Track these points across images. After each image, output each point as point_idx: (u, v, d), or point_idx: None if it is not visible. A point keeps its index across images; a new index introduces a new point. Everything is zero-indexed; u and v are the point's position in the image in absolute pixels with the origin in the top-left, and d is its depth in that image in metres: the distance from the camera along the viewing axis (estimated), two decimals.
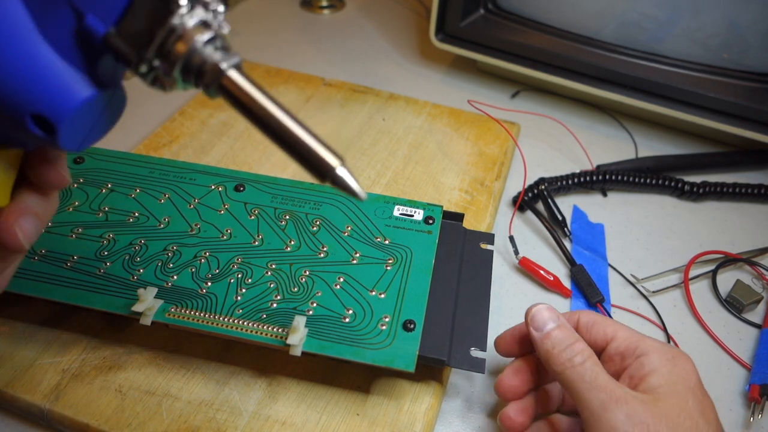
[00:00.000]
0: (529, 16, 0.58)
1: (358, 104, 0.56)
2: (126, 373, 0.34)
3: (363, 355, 0.32)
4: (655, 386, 0.28)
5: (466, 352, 0.33)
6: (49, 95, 0.19)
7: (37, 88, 0.18)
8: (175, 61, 0.19)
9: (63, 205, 0.39)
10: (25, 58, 0.18)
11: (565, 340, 0.30)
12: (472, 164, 0.50)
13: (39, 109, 0.19)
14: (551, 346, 0.30)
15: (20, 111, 0.19)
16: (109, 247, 0.36)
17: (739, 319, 0.42)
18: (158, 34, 0.19)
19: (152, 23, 0.19)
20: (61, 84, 0.19)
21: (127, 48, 0.19)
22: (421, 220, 0.39)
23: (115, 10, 0.19)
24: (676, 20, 0.51)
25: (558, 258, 0.46)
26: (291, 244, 0.37)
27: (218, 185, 0.41)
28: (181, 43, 0.19)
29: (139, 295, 0.32)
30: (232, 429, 0.32)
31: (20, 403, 0.33)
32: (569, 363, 0.29)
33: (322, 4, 0.77)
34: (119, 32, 0.19)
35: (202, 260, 0.36)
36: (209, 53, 0.19)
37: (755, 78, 0.51)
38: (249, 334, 0.32)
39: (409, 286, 0.35)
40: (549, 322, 0.31)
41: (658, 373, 0.28)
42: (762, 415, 0.36)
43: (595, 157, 0.54)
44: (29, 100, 0.19)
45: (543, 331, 0.31)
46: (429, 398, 0.34)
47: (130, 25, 0.19)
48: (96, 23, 0.19)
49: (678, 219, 0.50)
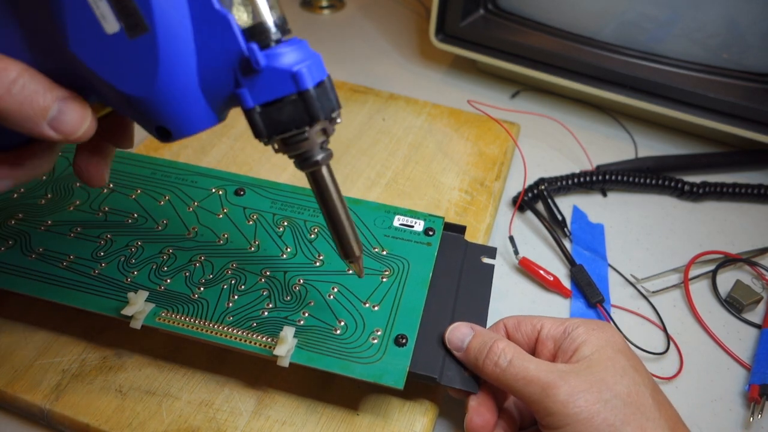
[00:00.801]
0: (529, 16, 0.58)
1: (358, 104, 0.56)
2: (126, 373, 0.34)
3: (351, 369, 0.31)
4: (587, 354, 0.29)
5: (459, 370, 0.32)
6: (183, 121, 0.23)
7: (178, 116, 0.22)
8: (291, 150, 0.25)
9: (64, 204, 0.39)
10: (180, 96, 0.22)
11: (484, 345, 0.31)
12: (472, 164, 0.50)
13: (169, 127, 0.23)
14: (474, 357, 0.31)
15: (153, 122, 0.22)
16: (106, 247, 0.36)
17: (738, 319, 0.42)
18: (291, 131, 0.24)
19: (291, 122, 0.23)
20: (195, 116, 0.23)
21: (262, 127, 0.23)
22: (421, 231, 0.38)
23: (265, 97, 0.23)
24: (676, 20, 0.51)
25: (558, 258, 0.46)
26: (287, 252, 0.37)
27: (219, 188, 0.40)
28: (304, 143, 0.24)
29: (129, 298, 0.32)
30: (232, 429, 0.32)
31: (20, 403, 0.33)
32: (497, 368, 0.30)
33: (322, 4, 0.77)
34: (261, 113, 0.23)
35: (196, 264, 0.36)
36: (316, 151, 0.25)
37: (755, 78, 0.51)
38: (237, 342, 0.32)
39: (404, 299, 0.34)
40: (466, 338, 0.32)
41: (588, 342, 0.30)
42: (762, 415, 0.36)
43: (595, 157, 0.54)
44: (167, 120, 0.22)
45: (463, 348, 0.32)
46: (422, 418, 0.33)
47: (272, 113, 0.23)
48: (247, 97, 0.23)
49: (678, 219, 0.50)
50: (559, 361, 0.30)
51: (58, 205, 0.39)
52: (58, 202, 0.39)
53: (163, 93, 0.22)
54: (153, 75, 0.21)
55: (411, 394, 0.34)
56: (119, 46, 0.21)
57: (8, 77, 0.21)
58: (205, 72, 0.22)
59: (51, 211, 0.38)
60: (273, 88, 0.23)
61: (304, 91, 0.23)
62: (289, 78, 0.22)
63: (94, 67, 0.21)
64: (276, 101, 0.23)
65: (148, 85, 0.21)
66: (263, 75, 0.22)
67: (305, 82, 0.22)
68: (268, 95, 0.23)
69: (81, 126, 0.23)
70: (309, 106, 0.23)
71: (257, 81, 0.22)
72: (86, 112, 0.23)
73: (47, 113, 0.22)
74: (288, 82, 0.22)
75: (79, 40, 0.21)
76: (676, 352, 0.40)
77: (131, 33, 0.20)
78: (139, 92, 0.21)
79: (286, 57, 0.22)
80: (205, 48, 0.22)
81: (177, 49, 0.21)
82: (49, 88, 0.22)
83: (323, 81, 0.24)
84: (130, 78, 0.21)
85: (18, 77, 0.21)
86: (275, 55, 0.22)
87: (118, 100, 0.22)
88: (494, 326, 0.34)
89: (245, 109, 0.23)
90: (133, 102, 0.22)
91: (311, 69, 0.23)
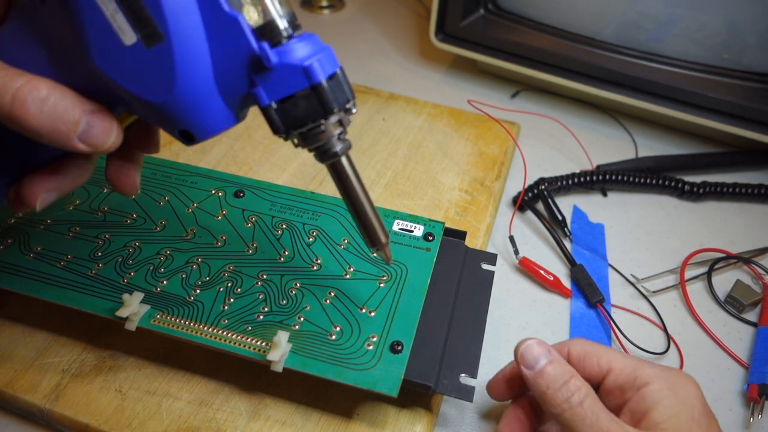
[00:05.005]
0: (529, 16, 0.58)
1: (358, 104, 0.56)
2: (126, 373, 0.34)
3: (345, 375, 0.30)
4: (658, 422, 0.27)
5: (455, 378, 0.32)
6: (203, 124, 0.23)
7: (198, 119, 0.23)
8: (309, 143, 0.25)
9: (63, 203, 0.39)
10: (199, 99, 0.23)
11: (560, 377, 0.28)
12: (472, 164, 0.50)
13: (191, 130, 0.23)
14: (545, 386, 0.28)
15: (176, 126, 0.23)
16: (104, 247, 0.36)
17: (738, 319, 0.42)
18: (308, 125, 0.24)
19: (307, 116, 0.24)
20: (215, 118, 0.23)
21: (280, 123, 0.24)
22: (420, 236, 0.38)
23: (280, 93, 0.23)
24: (676, 20, 0.51)
25: (558, 258, 0.46)
26: (285, 255, 0.36)
27: (218, 190, 0.40)
28: (321, 135, 0.25)
29: (124, 300, 0.32)
30: (232, 429, 0.32)
31: (20, 403, 0.33)
32: (567, 404, 0.27)
33: (322, 4, 0.77)
34: (278, 109, 0.24)
35: (193, 266, 0.35)
36: (334, 142, 0.26)
37: (755, 78, 0.51)
38: (231, 346, 0.31)
39: (401, 305, 0.34)
40: (541, 359, 0.29)
41: (661, 406, 0.27)
42: (762, 415, 0.36)
43: (595, 157, 0.54)
44: (188, 123, 0.23)
45: (535, 369, 0.29)
46: (419, 427, 0.33)
47: (288, 108, 0.24)
48: (262, 95, 0.23)
49: (678, 219, 0.50)
50: (626, 420, 0.28)
51: (57, 204, 0.39)
52: (58, 202, 0.39)
53: (182, 97, 0.22)
54: (171, 81, 0.22)
55: (408, 401, 0.34)
56: (138, 55, 0.22)
57: (39, 96, 0.22)
58: (220, 74, 0.23)
59: (50, 210, 0.38)
60: (286, 84, 0.23)
61: (317, 84, 0.23)
62: (301, 73, 0.23)
63: (116, 78, 0.22)
64: (290, 97, 0.23)
65: (167, 90, 0.22)
66: (276, 72, 0.23)
67: (317, 75, 0.23)
68: (282, 91, 0.23)
69: (108, 138, 0.23)
70: (323, 98, 0.23)
71: (271, 78, 0.23)
72: (113, 124, 0.24)
73: (77, 128, 0.23)
74: (300, 77, 0.23)
75: (100, 53, 0.22)
76: (677, 352, 0.40)
77: (148, 43, 0.21)
78: (159, 98, 0.22)
79: (296, 52, 0.23)
80: (218, 50, 0.22)
81: (192, 54, 0.22)
82: (77, 103, 0.23)
83: (336, 73, 0.24)
84: (150, 85, 0.22)
85: (48, 95, 0.22)
86: (286, 51, 0.23)
87: (141, 107, 0.23)
88: (558, 346, 0.31)
89: (261, 106, 0.23)
90: (155, 108, 0.23)
91: (322, 62, 0.23)
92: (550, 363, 0.29)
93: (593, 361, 0.30)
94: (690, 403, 0.27)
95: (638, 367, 0.29)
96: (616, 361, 0.30)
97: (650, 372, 0.29)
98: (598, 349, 0.31)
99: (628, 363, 0.29)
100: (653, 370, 0.29)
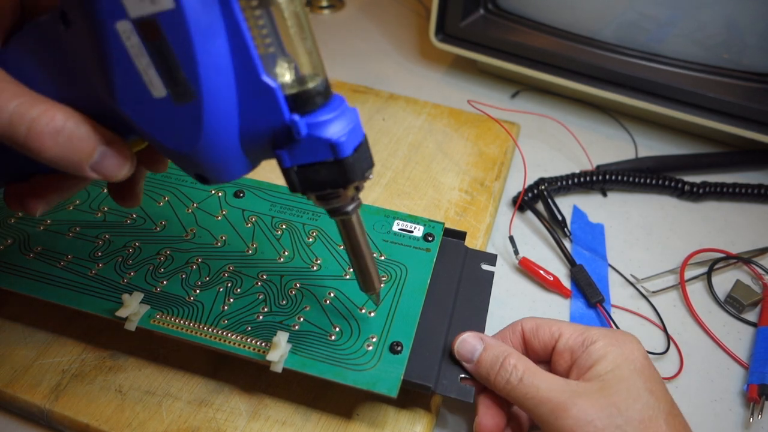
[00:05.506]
0: (529, 16, 0.58)
1: (358, 104, 0.56)
2: (126, 373, 0.34)
3: (344, 376, 0.30)
4: (602, 373, 0.28)
5: (455, 379, 0.32)
6: (221, 173, 0.23)
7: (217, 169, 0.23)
8: (324, 204, 0.26)
9: (63, 203, 0.39)
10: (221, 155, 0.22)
11: (496, 360, 0.30)
12: (472, 164, 0.50)
13: (207, 176, 0.23)
14: (486, 373, 0.30)
15: (193, 170, 0.23)
16: (104, 248, 0.36)
17: (738, 320, 0.42)
18: (326, 190, 0.24)
19: (327, 183, 0.24)
20: (234, 168, 0.23)
21: (298, 184, 0.24)
22: (420, 236, 0.38)
23: (303, 160, 0.23)
24: (676, 20, 0.51)
25: (558, 258, 0.46)
26: (284, 255, 0.36)
27: (218, 190, 0.40)
28: (337, 200, 0.25)
29: (124, 300, 0.32)
30: (232, 429, 0.32)
31: (20, 403, 0.33)
32: (508, 385, 0.29)
33: (322, 4, 0.77)
34: (298, 172, 0.24)
35: (193, 267, 0.35)
36: (347, 203, 0.26)
37: (755, 78, 0.51)
38: (231, 346, 0.31)
39: (401, 306, 0.34)
40: (476, 350, 0.31)
41: (605, 359, 0.29)
42: (762, 415, 0.36)
43: (595, 157, 0.54)
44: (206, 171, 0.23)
45: (473, 361, 0.31)
46: (418, 427, 0.33)
47: (309, 174, 0.24)
48: (285, 158, 0.23)
49: (678, 219, 0.50)
50: (574, 376, 0.29)
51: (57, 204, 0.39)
52: None
53: (205, 152, 0.22)
54: (197, 137, 0.21)
55: (407, 402, 0.34)
56: (165, 108, 0.21)
57: (54, 126, 0.21)
58: (246, 134, 0.22)
59: (50, 210, 0.38)
60: (311, 154, 0.23)
61: (342, 159, 0.23)
62: (327, 146, 0.23)
63: (139, 123, 0.22)
64: (311, 164, 0.23)
65: (190, 144, 0.22)
66: (303, 142, 0.23)
67: (344, 151, 0.23)
68: (306, 158, 0.23)
69: (122, 170, 0.23)
70: (345, 171, 0.24)
71: (297, 145, 0.23)
72: (127, 156, 0.23)
73: (91, 159, 0.22)
74: (326, 150, 0.23)
75: (126, 99, 0.21)
76: (677, 352, 0.40)
77: (178, 100, 0.21)
78: (181, 149, 0.22)
79: (327, 128, 0.23)
80: (248, 114, 0.22)
81: (221, 115, 0.21)
82: (92, 132, 0.22)
83: (360, 144, 0.24)
84: (174, 136, 0.22)
85: (64, 125, 0.21)
86: (317, 124, 0.22)
87: (160, 149, 0.23)
88: (511, 327, 0.33)
89: (282, 168, 0.24)
90: (175, 154, 0.22)
91: (350, 137, 0.23)
92: (485, 350, 0.31)
93: (545, 331, 0.32)
94: (632, 357, 0.29)
95: (586, 329, 0.31)
96: (566, 326, 0.32)
97: (596, 332, 0.31)
98: (548, 320, 0.33)
99: (576, 327, 0.32)
100: (599, 331, 0.31)
